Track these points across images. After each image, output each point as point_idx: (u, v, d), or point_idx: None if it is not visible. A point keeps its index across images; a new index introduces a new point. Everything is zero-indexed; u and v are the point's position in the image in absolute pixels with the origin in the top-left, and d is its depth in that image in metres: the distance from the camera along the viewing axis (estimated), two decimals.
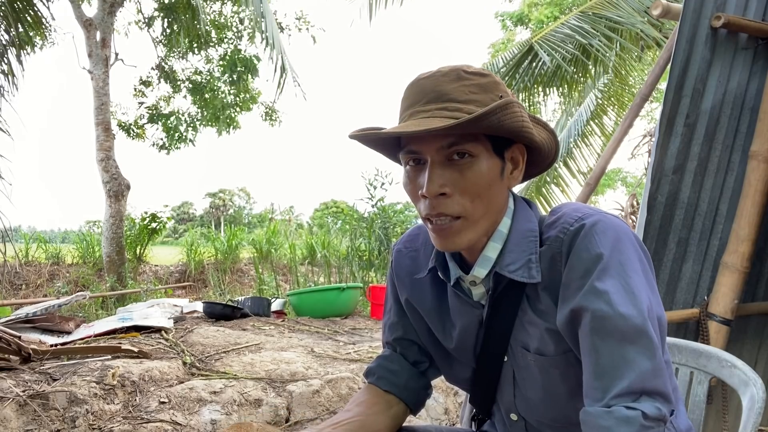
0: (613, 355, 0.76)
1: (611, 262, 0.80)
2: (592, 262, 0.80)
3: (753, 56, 2.16)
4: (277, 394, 2.58)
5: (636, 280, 0.80)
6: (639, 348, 0.75)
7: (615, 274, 0.79)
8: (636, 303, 0.77)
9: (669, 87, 2.09)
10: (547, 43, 5.03)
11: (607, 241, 0.81)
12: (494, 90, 0.86)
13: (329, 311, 5.24)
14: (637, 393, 0.74)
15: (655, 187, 2.10)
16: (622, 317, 0.76)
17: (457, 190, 0.85)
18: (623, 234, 0.83)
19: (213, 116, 11.06)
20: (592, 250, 0.81)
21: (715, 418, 2.19)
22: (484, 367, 0.98)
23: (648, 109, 11.98)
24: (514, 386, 0.95)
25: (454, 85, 0.85)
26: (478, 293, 0.94)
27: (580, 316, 0.79)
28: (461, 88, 0.84)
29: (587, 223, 0.83)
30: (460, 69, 0.86)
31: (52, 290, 7.63)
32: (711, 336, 2.09)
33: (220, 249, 9.72)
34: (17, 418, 2.14)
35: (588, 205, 0.91)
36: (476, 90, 0.85)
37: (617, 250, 0.81)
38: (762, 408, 1.02)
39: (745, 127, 2.16)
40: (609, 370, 0.75)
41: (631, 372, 0.74)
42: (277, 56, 5.69)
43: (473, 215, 0.86)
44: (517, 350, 0.93)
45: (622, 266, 0.80)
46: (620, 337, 0.76)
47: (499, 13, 15.43)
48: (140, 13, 10.28)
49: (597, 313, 0.77)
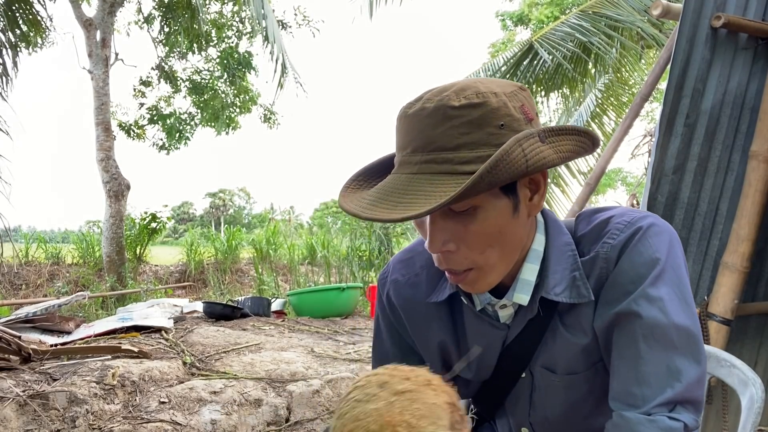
0: (659, 363, 0.73)
1: (666, 267, 0.76)
2: (647, 267, 0.76)
3: (753, 56, 2.15)
4: (277, 394, 2.58)
5: (688, 288, 0.77)
6: (689, 357, 0.73)
7: (669, 281, 0.75)
8: (690, 312, 0.75)
9: (669, 87, 2.09)
10: (548, 41, 5.03)
11: (662, 245, 0.77)
12: (491, 122, 0.73)
13: (329, 311, 5.24)
14: (679, 403, 0.72)
15: (655, 187, 2.10)
16: (676, 327, 0.73)
17: (463, 245, 0.77)
18: (675, 238, 0.80)
19: (212, 116, 11.06)
20: (647, 255, 0.76)
21: (715, 418, 2.19)
22: (499, 381, 0.93)
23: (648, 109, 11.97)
24: (529, 404, 0.91)
25: (441, 128, 0.73)
26: (506, 315, 0.87)
27: (628, 320, 0.75)
28: (449, 131, 0.72)
29: (643, 225, 0.78)
30: (446, 105, 0.73)
31: (52, 290, 7.63)
32: (711, 336, 2.09)
33: (220, 249, 9.72)
34: (17, 418, 2.14)
35: (628, 208, 0.85)
36: (467, 129, 0.72)
37: (672, 255, 0.77)
38: (761, 408, 1.02)
39: (745, 127, 2.16)
40: (653, 379, 0.73)
41: (678, 383, 0.72)
42: (278, 55, 5.68)
43: (486, 264, 0.79)
44: (538, 371, 0.88)
45: (676, 272, 0.77)
46: (671, 346, 0.73)
47: (500, 13, 15.44)
48: (140, 12, 10.28)
49: (649, 320, 0.73)
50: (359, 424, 0.63)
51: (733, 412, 2.16)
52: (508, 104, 0.74)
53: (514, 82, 0.81)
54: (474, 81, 0.76)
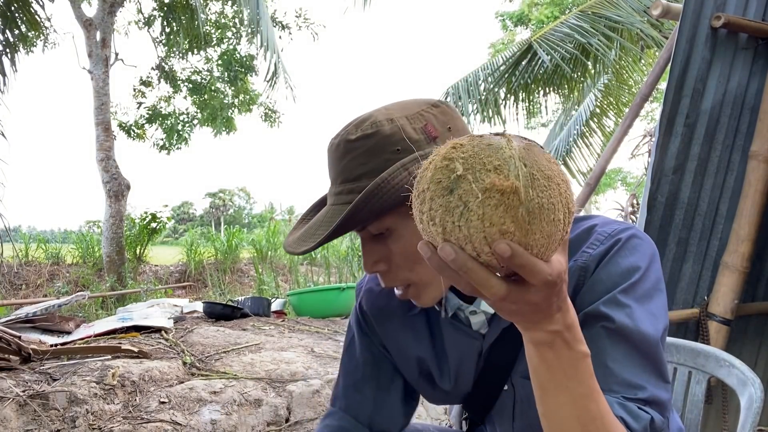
0: (622, 359, 0.73)
1: (641, 279, 0.77)
2: (622, 277, 0.77)
3: (753, 56, 2.16)
4: (277, 394, 2.58)
5: (659, 302, 0.78)
6: (648, 363, 0.74)
7: (641, 292, 0.76)
8: (656, 325, 0.75)
9: (669, 87, 2.09)
10: (547, 42, 5.03)
11: (641, 258, 0.78)
12: (386, 148, 0.77)
13: (329, 311, 5.24)
14: (646, 402, 0.72)
15: (655, 187, 2.10)
16: (639, 332, 0.74)
17: (391, 265, 0.81)
18: (655, 252, 0.81)
19: (210, 116, 11.07)
20: (624, 265, 0.77)
21: (715, 418, 2.19)
22: (481, 394, 0.93)
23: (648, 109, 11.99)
24: (513, 417, 0.91)
25: (344, 161, 0.79)
26: (478, 321, 0.87)
27: (595, 320, 0.76)
28: (349, 163, 0.79)
29: (623, 237, 0.79)
30: (344, 140, 0.79)
31: (52, 290, 7.63)
32: (711, 336, 2.09)
33: (220, 249, 9.73)
34: (17, 418, 2.14)
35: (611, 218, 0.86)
36: (365, 158, 0.77)
37: (648, 268, 0.78)
38: (760, 408, 1.02)
39: (745, 127, 2.16)
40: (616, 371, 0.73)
41: (641, 389, 0.72)
42: (270, 57, 5.75)
43: (421, 280, 0.81)
44: (518, 382, 0.87)
45: (651, 286, 0.78)
46: (632, 347, 0.74)
47: (499, 13, 15.44)
48: (140, 13, 10.29)
49: (615, 321, 0.74)
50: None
51: (732, 412, 2.16)
52: (407, 127, 0.78)
53: (433, 98, 0.84)
54: (378, 110, 0.81)
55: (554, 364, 0.59)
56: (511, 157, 0.49)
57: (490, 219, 0.48)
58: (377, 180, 0.73)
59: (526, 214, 0.48)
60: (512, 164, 0.49)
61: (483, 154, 0.50)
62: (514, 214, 0.48)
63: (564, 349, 0.58)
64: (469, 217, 0.48)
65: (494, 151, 0.50)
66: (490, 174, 0.49)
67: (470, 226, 0.49)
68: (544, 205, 0.49)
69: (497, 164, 0.49)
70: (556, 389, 0.61)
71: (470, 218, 0.49)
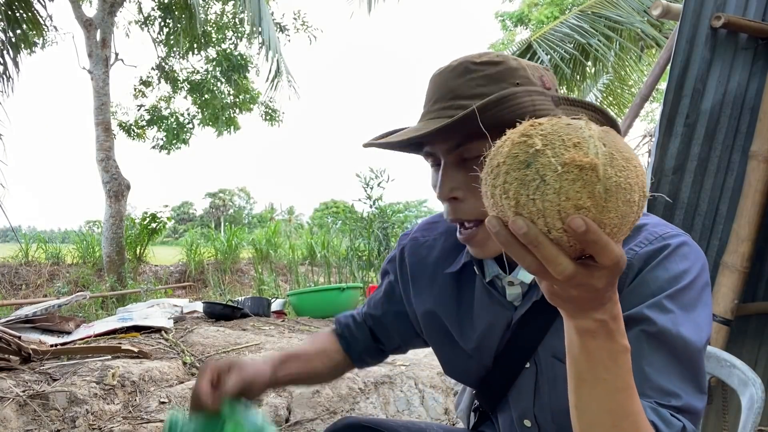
0: (660, 365, 0.72)
1: (688, 288, 0.75)
2: (668, 283, 0.75)
3: (753, 56, 2.16)
4: (277, 394, 2.58)
5: (704, 314, 0.76)
6: (686, 371, 0.72)
7: (688, 300, 0.74)
8: (699, 334, 0.74)
9: (669, 87, 2.09)
10: (546, 41, 5.03)
11: (689, 266, 0.76)
12: (507, 78, 0.78)
13: (329, 311, 5.24)
14: (679, 410, 0.70)
15: (655, 187, 2.10)
16: (681, 339, 0.72)
17: (470, 194, 0.79)
18: (704, 263, 0.78)
19: (212, 116, 11.07)
20: (672, 271, 0.75)
21: (715, 418, 2.19)
22: (501, 370, 0.92)
23: (648, 109, 11.98)
24: (534, 395, 0.89)
25: (461, 80, 0.79)
26: (514, 294, 0.87)
27: (636, 322, 0.73)
28: (468, 82, 0.79)
29: (673, 243, 0.77)
30: (468, 61, 0.80)
31: (52, 290, 7.63)
32: (711, 336, 2.09)
33: (220, 249, 9.73)
34: (17, 418, 2.14)
35: (664, 221, 0.83)
36: (484, 82, 0.78)
37: (697, 278, 0.76)
38: (761, 408, 1.02)
39: (745, 127, 2.16)
40: (652, 376, 0.71)
41: (676, 398, 0.71)
42: (273, 57, 5.74)
43: None
44: (546, 359, 0.86)
45: (697, 297, 0.76)
46: (672, 353, 0.72)
47: (499, 13, 15.44)
48: (140, 13, 10.29)
49: (657, 324, 0.72)
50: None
51: (733, 412, 2.16)
52: (527, 70, 0.80)
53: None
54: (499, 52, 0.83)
55: (595, 354, 0.58)
56: (591, 136, 0.49)
57: (566, 193, 0.48)
58: (508, 91, 0.73)
59: (603, 191, 0.48)
60: (591, 143, 0.49)
61: (563, 132, 0.49)
62: (591, 190, 0.48)
63: (607, 340, 0.57)
64: (545, 191, 0.48)
65: (574, 129, 0.50)
66: (569, 149, 0.48)
67: (545, 199, 0.48)
68: (621, 184, 0.49)
69: (577, 141, 0.49)
70: (594, 380, 0.60)
71: (546, 191, 0.48)
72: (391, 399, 2.65)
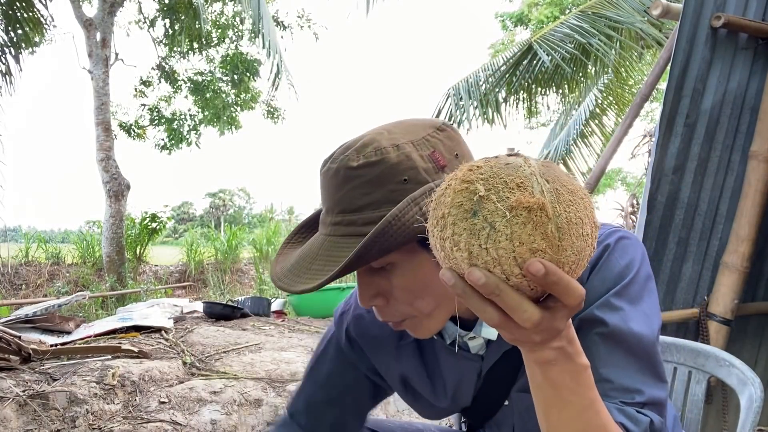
0: (618, 364, 0.73)
1: (632, 281, 0.77)
2: (614, 281, 0.76)
3: (753, 56, 2.16)
4: (277, 394, 2.58)
5: (651, 303, 0.78)
6: (644, 365, 0.74)
7: (634, 295, 0.76)
8: (650, 325, 0.75)
9: (669, 87, 2.09)
10: (546, 42, 5.03)
11: (630, 259, 0.78)
12: (392, 178, 0.71)
13: (329, 311, 5.22)
14: (642, 405, 0.72)
15: (655, 187, 2.10)
16: (634, 335, 0.73)
17: (390, 299, 0.77)
18: (643, 250, 0.80)
19: (214, 116, 11.07)
20: (615, 269, 0.77)
21: (715, 418, 2.19)
22: (478, 409, 0.93)
23: (648, 109, 11.99)
24: (513, 428, 0.91)
25: (343, 190, 0.73)
26: (477, 345, 0.86)
27: (589, 325, 0.75)
28: (350, 193, 0.72)
29: (611, 242, 0.78)
30: (345, 167, 0.72)
31: (52, 290, 7.63)
32: (711, 336, 2.09)
33: (220, 249, 9.73)
34: (17, 418, 2.14)
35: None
36: (368, 189, 0.72)
37: (639, 269, 0.78)
38: (760, 407, 1.02)
39: (745, 127, 2.16)
40: (612, 378, 0.73)
41: (636, 383, 0.72)
42: (273, 57, 5.76)
43: (421, 313, 0.77)
44: (518, 396, 0.87)
45: (642, 288, 0.77)
46: (627, 351, 0.74)
47: (499, 14, 15.43)
48: (141, 13, 10.29)
49: (609, 325, 0.74)
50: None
51: (732, 411, 2.16)
52: (413, 155, 0.72)
53: (436, 120, 0.79)
54: (380, 133, 0.75)
55: (558, 380, 0.58)
56: (532, 174, 0.48)
57: (519, 238, 0.46)
58: (387, 217, 0.68)
59: (556, 230, 0.47)
60: (534, 181, 0.48)
61: (503, 173, 0.48)
62: (544, 230, 0.46)
63: (567, 364, 0.57)
64: (496, 238, 0.46)
65: (514, 169, 0.48)
66: (514, 192, 0.47)
67: (498, 247, 0.46)
68: (572, 219, 0.48)
69: (519, 182, 0.47)
70: (561, 405, 0.60)
71: (498, 239, 0.46)
72: (391, 399, 2.65)
